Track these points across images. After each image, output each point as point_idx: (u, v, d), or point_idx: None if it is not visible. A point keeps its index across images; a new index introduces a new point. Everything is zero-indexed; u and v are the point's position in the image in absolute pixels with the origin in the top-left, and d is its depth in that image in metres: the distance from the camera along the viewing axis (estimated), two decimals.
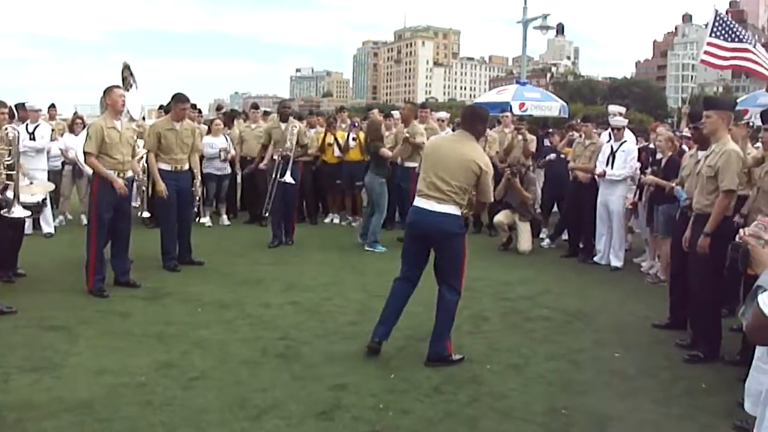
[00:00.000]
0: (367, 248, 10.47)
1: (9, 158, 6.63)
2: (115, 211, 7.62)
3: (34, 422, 4.40)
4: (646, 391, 5.28)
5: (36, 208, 7.98)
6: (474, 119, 5.84)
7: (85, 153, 7.59)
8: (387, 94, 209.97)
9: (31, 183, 8.42)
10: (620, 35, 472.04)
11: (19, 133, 6.49)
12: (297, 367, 5.51)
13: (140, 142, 8.83)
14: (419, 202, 5.70)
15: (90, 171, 8.21)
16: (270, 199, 10.72)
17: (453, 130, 11.38)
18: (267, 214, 10.94)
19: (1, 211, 6.56)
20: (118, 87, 7.84)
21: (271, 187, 10.70)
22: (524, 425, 4.59)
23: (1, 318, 6.48)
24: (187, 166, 9.01)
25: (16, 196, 6.72)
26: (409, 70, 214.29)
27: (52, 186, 9.82)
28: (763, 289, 2.23)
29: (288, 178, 10.53)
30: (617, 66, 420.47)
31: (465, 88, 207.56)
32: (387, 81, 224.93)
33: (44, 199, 8.23)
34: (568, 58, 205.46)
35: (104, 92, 7.72)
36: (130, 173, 7.88)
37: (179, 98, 8.91)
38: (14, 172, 6.79)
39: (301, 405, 4.77)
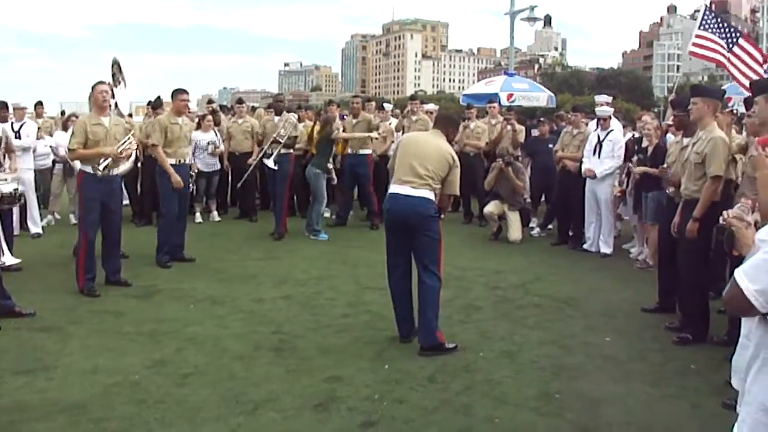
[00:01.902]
0: (311, 237, 10.76)
1: None
2: (103, 208, 7.60)
3: (28, 424, 4.37)
4: (637, 374, 5.36)
5: (9, 199, 7.47)
6: (448, 123, 6.23)
7: (69, 150, 7.58)
8: (376, 88, 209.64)
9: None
10: (607, 26, 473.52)
11: None
12: (291, 361, 5.54)
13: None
14: (395, 188, 5.81)
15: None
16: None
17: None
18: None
19: None
20: (102, 83, 7.75)
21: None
22: (518, 411, 4.63)
23: None
24: (188, 160, 9.08)
25: None
26: (398, 63, 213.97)
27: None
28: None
29: (270, 162, 10.72)
30: (604, 57, 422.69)
31: (454, 80, 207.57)
32: (376, 74, 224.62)
33: (19, 192, 7.53)
34: (556, 49, 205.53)
35: (91, 88, 7.72)
36: (119, 169, 7.78)
37: (179, 91, 8.97)
38: None
39: (297, 398, 4.79)
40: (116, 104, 8.15)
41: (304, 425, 4.40)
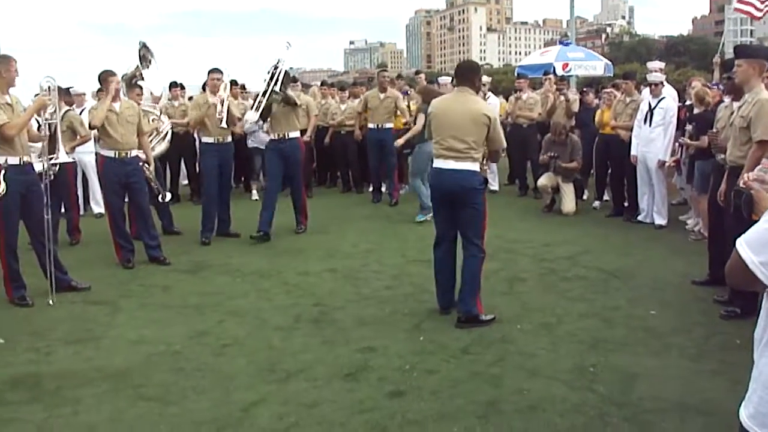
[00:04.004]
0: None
1: None
2: (126, 188, 7.93)
3: (73, 389, 4.61)
4: (678, 347, 5.22)
5: None
6: (468, 73, 5.89)
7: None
8: (441, 62, 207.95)
9: None
10: None
11: None
12: (328, 332, 5.61)
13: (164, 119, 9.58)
14: (438, 162, 5.77)
15: None
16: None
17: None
18: None
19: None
20: (108, 72, 7.83)
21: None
22: (549, 383, 4.59)
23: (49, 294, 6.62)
24: (229, 139, 9.18)
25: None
26: (463, 37, 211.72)
27: None
28: None
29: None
30: (673, 24, 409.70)
31: (520, 53, 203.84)
32: (441, 49, 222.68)
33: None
34: (623, 17, 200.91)
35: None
36: (135, 152, 7.94)
37: (212, 70, 9.13)
38: None
39: (329, 367, 4.86)
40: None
41: (332, 394, 4.45)
